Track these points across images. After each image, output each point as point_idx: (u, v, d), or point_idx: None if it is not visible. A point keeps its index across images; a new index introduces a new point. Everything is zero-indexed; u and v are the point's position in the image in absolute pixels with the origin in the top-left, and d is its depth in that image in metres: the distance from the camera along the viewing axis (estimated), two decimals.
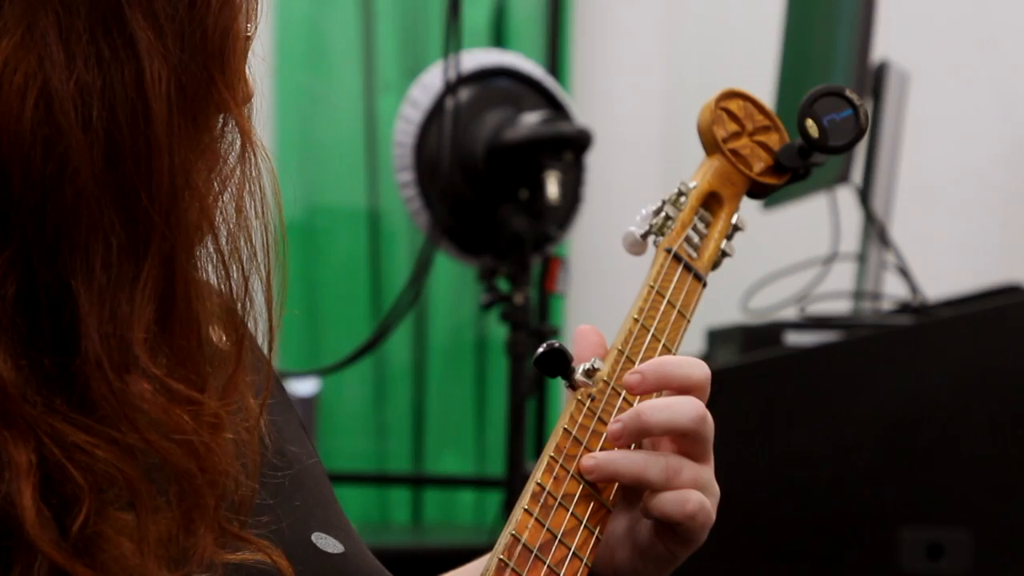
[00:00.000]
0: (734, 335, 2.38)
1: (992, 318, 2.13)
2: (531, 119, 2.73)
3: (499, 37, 3.93)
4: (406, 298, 2.69)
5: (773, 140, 1.23)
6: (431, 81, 2.79)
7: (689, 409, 1.06)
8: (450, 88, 2.65)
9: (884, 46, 2.70)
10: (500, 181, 2.73)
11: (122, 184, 0.80)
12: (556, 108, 2.83)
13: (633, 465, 1.05)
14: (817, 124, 1.19)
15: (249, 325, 0.88)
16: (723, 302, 2.83)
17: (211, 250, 0.85)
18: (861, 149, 2.63)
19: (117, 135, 0.80)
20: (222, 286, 0.86)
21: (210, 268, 0.85)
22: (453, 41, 2.59)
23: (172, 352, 0.82)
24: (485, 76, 2.83)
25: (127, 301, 0.80)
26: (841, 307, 2.70)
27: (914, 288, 2.49)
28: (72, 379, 0.79)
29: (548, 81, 2.89)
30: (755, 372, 2.15)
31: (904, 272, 2.53)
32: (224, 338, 0.86)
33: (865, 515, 2.11)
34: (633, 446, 1.09)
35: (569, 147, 2.67)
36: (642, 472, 1.05)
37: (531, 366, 2.79)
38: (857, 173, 2.62)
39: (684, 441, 1.07)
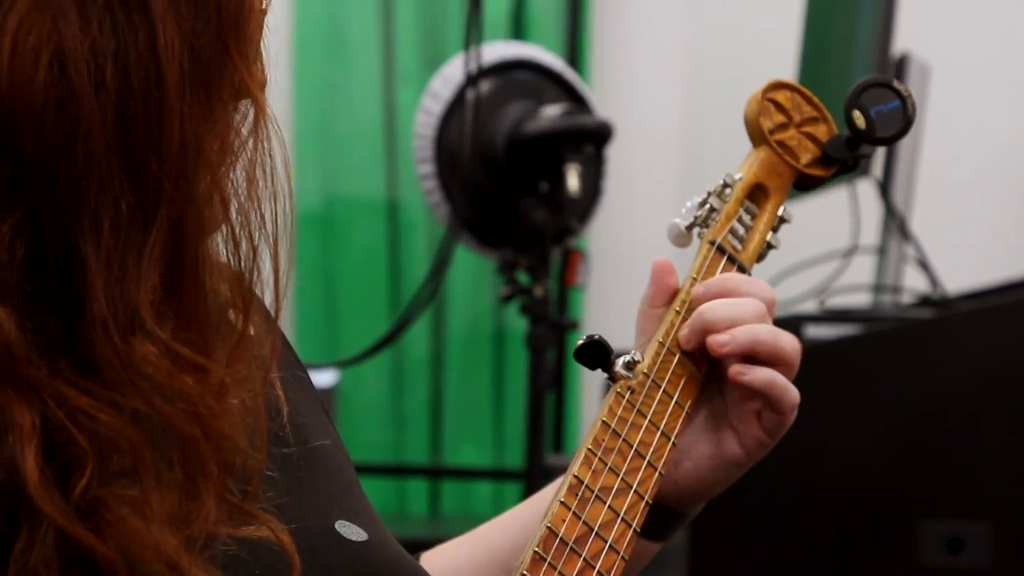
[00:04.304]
0: None
1: (1013, 311, 2.12)
2: (552, 112, 2.73)
3: (518, 29, 3.93)
4: (425, 292, 2.69)
5: (821, 131, 1.21)
6: (452, 73, 2.79)
7: (752, 308, 1.10)
8: (471, 80, 2.65)
9: (905, 38, 2.70)
10: (520, 174, 2.73)
11: (133, 147, 0.80)
12: (577, 101, 2.83)
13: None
14: (864, 115, 1.18)
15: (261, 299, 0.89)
16: None
17: (221, 221, 0.85)
18: None
19: (129, 98, 0.80)
20: (231, 257, 0.86)
21: (220, 239, 0.85)
22: (474, 33, 2.58)
23: (178, 317, 0.82)
24: (505, 68, 2.82)
25: (134, 264, 0.80)
26: (861, 300, 2.70)
27: (934, 281, 2.48)
28: (77, 342, 0.79)
29: (569, 74, 2.88)
30: None
31: (924, 265, 2.52)
32: (235, 313, 0.87)
33: (884, 508, 2.11)
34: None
35: (590, 140, 2.67)
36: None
37: (552, 359, 2.79)
38: (877, 166, 2.62)
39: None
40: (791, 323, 2.26)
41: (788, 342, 1.11)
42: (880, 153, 2.64)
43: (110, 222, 0.79)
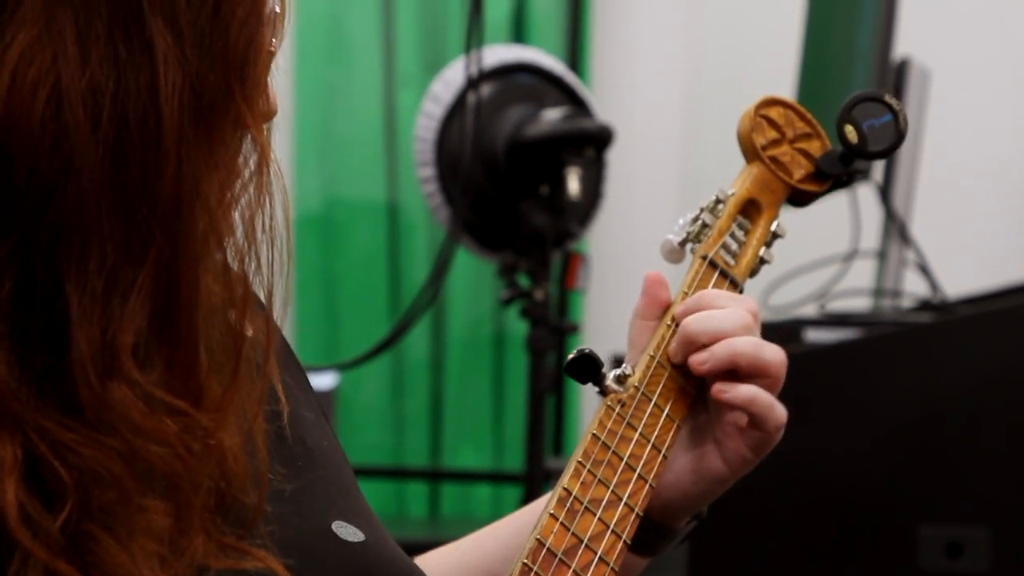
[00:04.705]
0: None
1: (1013, 316, 2.12)
2: (552, 115, 2.73)
3: (519, 32, 3.93)
4: (425, 295, 2.69)
5: (814, 147, 1.22)
6: (452, 76, 2.79)
7: (736, 318, 1.11)
8: (472, 83, 2.65)
9: (905, 43, 2.70)
10: (521, 177, 2.73)
11: (125, 188, 0.79)
12: (577, 104, 2.83)
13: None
14: (856, 130, 1.19)
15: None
16: None
17: (217, 262, 0.84)
18: None
19: (125, 139, 0.79)
20: (225, 299, 0.85)
21: (213, 280, 0.84)
22: (475, 36, 2.59)
23: (167, 358, 0.81)
24: (506, 72, 2.83)
25: (119, 305, 0.79)
26: (861, 304, 2.70)
27: (934, 285, 2.49)
28: (61, 380, 0.79)
29: (569, 77, 2.89)
30: None
31: (924, 269, 2.52)
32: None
33: (884, 513, 2.11)
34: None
35: (590, 143, 2.68)
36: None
37: (552, 362, 2.79)
38: (878, 170, 2.62)
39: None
40: (791, 327, 2.26)
41: (771, 353, 1.11)
42: None
43: (96, 263, 0.79)
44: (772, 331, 2.27)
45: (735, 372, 1.11)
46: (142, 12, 0.79)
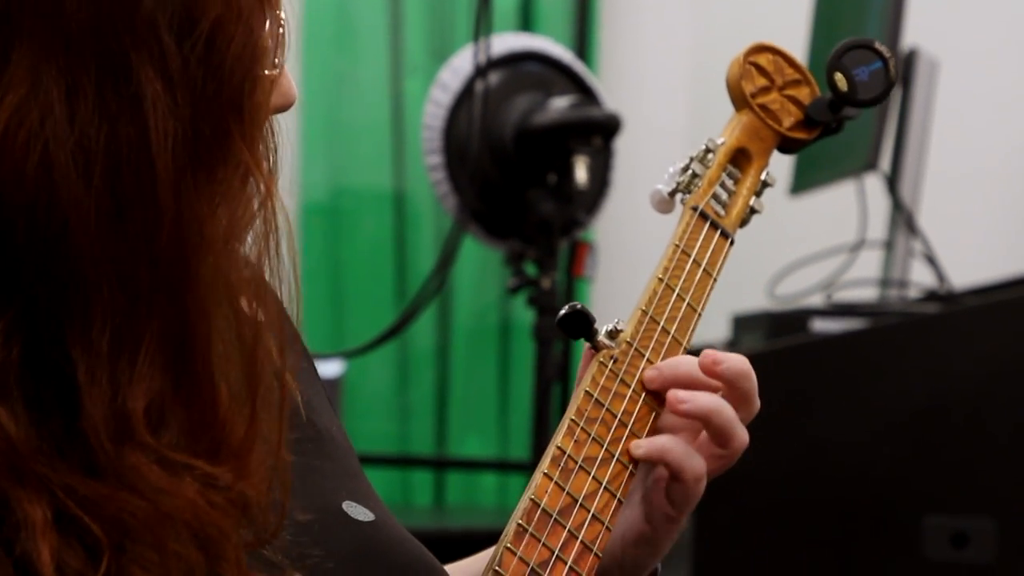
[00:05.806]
0: (760, 321, 2.38)
1: (1019, 307, 2.12)
2: (560, 104, 2.73)
3: (527, 21, 3.93)
4: (432, 283, 2.69)
5: (804, 94, 1.21)
6: (461, 64, 2.79)
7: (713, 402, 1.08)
8: (480, 72, 2.65)
9: (914, 33, 2.69)
10: (528, 165, 2.73)
11: (124, 246, 0.77)
12: (585, 93, 2.83)
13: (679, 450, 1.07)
14: (846, 77, 1.17)
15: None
16: (749, 288, 2.82)
17: (226, 307, 0.82)
18: (889, 136, 2.62)
19: (120, 194, 0.77)
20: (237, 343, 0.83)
21: (226, 325, 0.82)
22: (483, 25, 2.58)
23: (182, 418, 0.80)
24: (515, 60, 2.83)
25: (128, 369, 0.78)
26: (868, 294, 2.70)
27: (941, 276, 2.49)
28: (79, 441, 0.78)
29: (577, 66, 2.89)
30: (781, 359, 2.15)
31: (931, 260, 2.52)
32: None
33: (889, 503, 2.11)
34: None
35: (598, 132, 2.67)
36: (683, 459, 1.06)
37: (559, 351, 2.79)
38: (885, 160, 2.61)
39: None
40: (798, 317, 2.26)
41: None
42: (888, 148, 2.63)
43: (99, 325, 0.77)
44: (778, 321, 2.29)
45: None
46: (129, 62, 0.77)
